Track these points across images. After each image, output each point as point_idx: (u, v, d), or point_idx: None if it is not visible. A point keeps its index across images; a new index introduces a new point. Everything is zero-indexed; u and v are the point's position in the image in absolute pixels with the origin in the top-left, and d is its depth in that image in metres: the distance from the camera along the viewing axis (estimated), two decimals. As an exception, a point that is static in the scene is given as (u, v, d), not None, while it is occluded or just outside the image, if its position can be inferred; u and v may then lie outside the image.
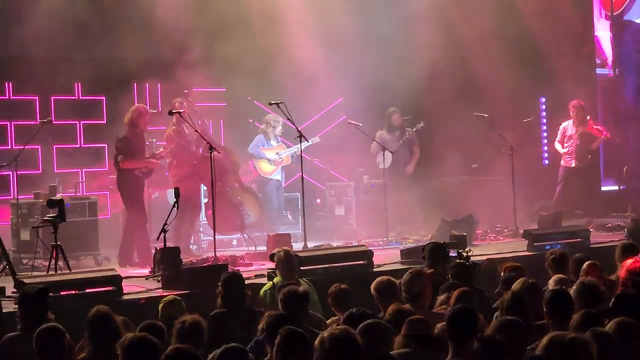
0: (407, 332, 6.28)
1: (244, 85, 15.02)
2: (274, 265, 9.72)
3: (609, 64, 19.18)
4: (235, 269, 10.42)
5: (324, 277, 10.30)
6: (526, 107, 17.64)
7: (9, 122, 14.43)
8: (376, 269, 10.98)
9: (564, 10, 17.74)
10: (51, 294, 7.95)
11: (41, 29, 13.24)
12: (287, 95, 13.81)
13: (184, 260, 11.04)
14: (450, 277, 8.70)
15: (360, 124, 14.81)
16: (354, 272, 10.69)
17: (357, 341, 5.18)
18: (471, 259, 9.59)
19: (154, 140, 13.98)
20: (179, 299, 8.08)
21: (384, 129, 15.63)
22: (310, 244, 12.73)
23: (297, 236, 13.87)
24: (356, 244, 13.07)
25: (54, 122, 13.41)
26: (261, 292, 9.44)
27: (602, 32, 19.11)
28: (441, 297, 8.02)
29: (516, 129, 16.40)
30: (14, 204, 13.11)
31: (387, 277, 8.16)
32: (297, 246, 12.51)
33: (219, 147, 12.82)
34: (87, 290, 9.33)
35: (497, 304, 7.45)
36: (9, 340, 7.07)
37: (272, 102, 13.15)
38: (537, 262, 10.48)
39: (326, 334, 5.18)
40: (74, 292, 9.25)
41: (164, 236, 10.90)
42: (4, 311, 8.17)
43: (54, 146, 14.71)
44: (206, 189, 13.68)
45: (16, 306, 7.65)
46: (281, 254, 9.54)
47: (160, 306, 7.97)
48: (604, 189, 18.79)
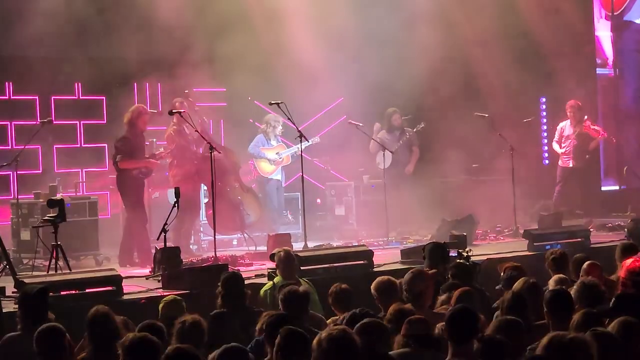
0: (407, 332, 6.28)
1: (244, 85, 15.03)
2: (274, 265, 9.73)
3: (610, 63, 19.17)
4: (235, 268, 10.42)
5: (324, 277, 10.30)
6: (526, 107, 17.63)
7: (9, 122, 14.42)
8: (376, 269, 10.97)
9: (564, 10, 17.73)
10: (51, 293, 7.96)
11: (41, 29, 13.23)
12: (288, 95, 13.80)
13: (184, 260, 11.05)
14: (450, 277, 8.69)
15: (360, 124, 14.81)
16: (354, 272, 10.68)
17: (355, 341, 5.17)
18: (471, 258, 9.59)
19: (154, 140, 13.98)
20: (179, 298, 8.08)
21: (384, 129, 15.64)
22: (310, 244, 12.73)
23: (298, 236, 13.87)
24: (356, 244, 13.06)
25: (54, 122, 13.41)
26: (261, 292, 9.44)
27: (603, 32, 19.11)
28: (442, 297, 8.02)
29: (516, 129, 16.39)
30: (14, 204, 13.10)
31: (387, 277, 8.16)
32: (297, 246, 12.51)
33: (219, 147, 12.82)
34: (87, 290, 9.33)
35: (497, 303, 7.45)
36: (9, 340, 7.07)
37: (273, 102, 13.13)
38: (537, 262, 10.47)
39: (324, 334, 5.18)
40: (74, 292, 9.25)
41: (164, 236, 10.89)
42: (4, 311, 8.17)
43: (54, 146, 14.71)
44: (206, 188, 13.67)
45: (16, 306, 7.67)
46: (281, 253, 9.54)
47: (160, 306, 7.96)
48: (604, 189, 18.78)
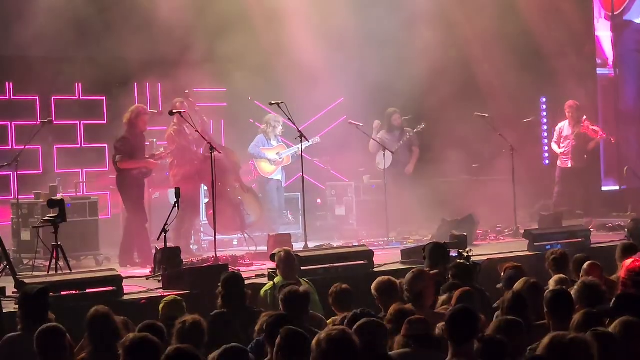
0: (407, 332, 6.28)
1: (244, 85, 15.04)
2: (274, 265, 9.73)
3: (610, 63, 19.16)
4: (235, 269, 10.43)
5: (324, 277, 10.31)
6: (527, 107, 17.62)
7: (9, 122, 14.42)
8: (377, 269, 10.97)
9: (564, 10, 17.72)
10: (52, 294, 7.96)
11: (42, 28, 13.23)
12: (288, 95, 13.80)
13: (184, 260, 11.05)
14: (450, 277, 8.69)
15: (360, 124, 14.81)
16: (355, 272, 10.68)
17: (354, 342, 5.17)
18: (472, 259, 9.58)
19: (155, 140, 13.98)
20: (180, 299, 8.08)
21: (384, 129, 15.63)
22: (310, 244, 12.73)
23: (298, 236, 13.87)
24: (357, 244, 13.06)
25: (55, 122, 13.43)
26: (262, 292, 9.44)
27: (603, 32, 19.10)
28: (443, 297, 8.01)
29: (517, 129, 16.40)
30: (14, 204, 13.10)
31: (387, 277, 8.17)
32: (297, 246, 12.52)
33: (219, 147, 12.82)
34: (87, 290, 9.33)
35: (497, 303, 7.45)
36: (10, 340, 7.07)
37: (273, 102, 13.13)
38: (537, 262, 10.47)
39: (323, 334, 5.17)
40: (74, 292, 9.25)
41: (165, 236, 10.89)
42: (5, 311, 8.17)
43: (55, 146, 14.71)
44: (207, 188, 13.68)
45: (17, 306, 7.67)
46: (282, 254, 9.54)
47: (160, 306, 7.97)
48: (604, 189, 18.78)
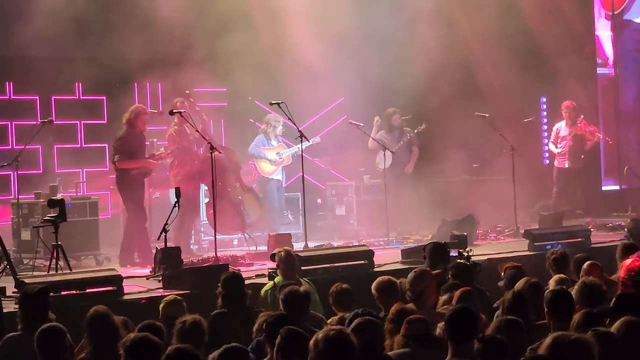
0: (407, 332, 6.28)
1: (244, 84, 15.03)
2: (274, 265, 9.73)
3: (610, 63, 19.16)
4: (236, 268, 10.44)
5: (324, 277, 10.31)
6: (527, 106, 17.62)
7: (9, 122, 14.43)
8: (377, 269, 10.97)
9: (564, 10, 17.72)
10: (52, 294, 7.97)
11: (42, 28, 13.23)
12: (288, 95, 13.81)
13: (184, 260, 11.04)
14: (450, 277, 8.69)
15: (361, 124, 14.81)
16: (355, 272, 10.68)
17: (352, 342, 5.16)
18: (472, 258, 9.59)
19: (155, 140, 13.98)
20: (180, 298, 8.08)
21: (384, 129, 15.62)
22: (311, 244, 12.73)
23: (298, 236, 13.87)
24: (357, 244, 13.06)
25: (55, 122, 13.41)
26: (262, 292, 9.44)
27: (603, 31, 19.10)
28: (443, 297, 8.01)
29: (517, 129, 16.40)
30: (14, 204, 13.09)
31: (387, 277, 8.18)
32: (297, 246, 12.52)
33: (219, 147, 12.82)
34: (87, 290, 9.33)
35: (497, 303, 7.45)
36: (10, 340, 7.07)
37: (273, 102, 13.12)
38: (537, 262, 10.47)
39: (321, 335, 5.16)
40: (74, 292, 9.24)
41: (165, 236, 10.90)
42: (5, 311, 8.17)
43: (55, 146, 14.71)
44: (207, 188, 13.68)
45: (17, 306, 7.67)
46: (282, 253, 9.54)
47: (161, 306, 7.97)
48: (604, 188, 18.78)
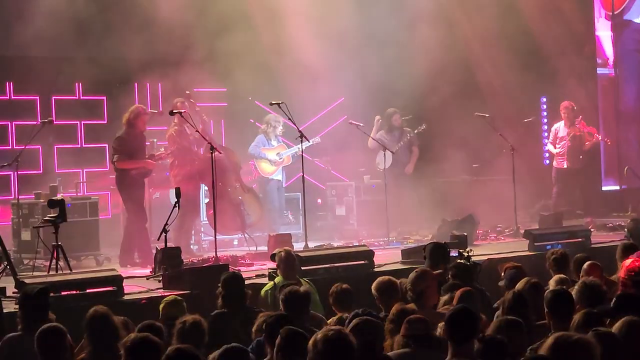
0: (407, 332, 6.28)
1: (244, 85, 15.03)
2: (275, 265, 9.73)
3: (610, 63, 19.16)
4: (236, 269, 10.43)
5: (325, 277, 10.31)
6: (527, 107, 17.62)
7: (9, 122, 14.43)
8: (377, 269, 10.97)
9: (564, 10, 17.72)
10: (52, 294, 7.96)
11: (42, 28, 13.23)
12: (288, 95, 13.81)
13: (184, 260, 11.04)
14: (450, 277, 8.69)
15: (361, 124, 14.81)
16: (355, 272, 10.68)
17: (351, 342, 5.16)
18: (472, 259, 9.58)
19: (155, 140, 13.98)
20: (180, 299, 8.08)
21: (384, 129, 15.62)
22: (311, 244, 12.73)
23: (298, 236, 13.87)
24: (357, 244, 13.06)
25: (55, 122, 13.42)
26: (262, 292, 9.44)
27: (603, 31, 19.09)
28: (444, 297, 8.01)
29: (517, 129, 16.40)
30: (14, 204, 13.09)
31: (387, 277, 8.17)
32: (298, 246, 12.52)
33: (220, 147, 12.82)
34: (88, 290, 9.33)
35: (498, 303, 7.45)
36: (10, 340, 7.07)
37: (273, 102, 13.12)
38: (538, 262, 10.47)
39: (319, 335, 5.16)
40: (74, 292, 9.24)
41: (165, 236, 10.90)
42: (5, 311, 8.17)
43: (55, 146, 14.71)
44: (207, 188, 13.67)
45: (17, 306, 7.67)
46: (282, 254, 9.54)
47: (161, 306, 7.97)
48: (604, 189, 18.78)
